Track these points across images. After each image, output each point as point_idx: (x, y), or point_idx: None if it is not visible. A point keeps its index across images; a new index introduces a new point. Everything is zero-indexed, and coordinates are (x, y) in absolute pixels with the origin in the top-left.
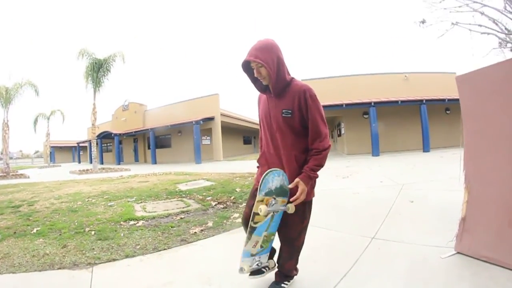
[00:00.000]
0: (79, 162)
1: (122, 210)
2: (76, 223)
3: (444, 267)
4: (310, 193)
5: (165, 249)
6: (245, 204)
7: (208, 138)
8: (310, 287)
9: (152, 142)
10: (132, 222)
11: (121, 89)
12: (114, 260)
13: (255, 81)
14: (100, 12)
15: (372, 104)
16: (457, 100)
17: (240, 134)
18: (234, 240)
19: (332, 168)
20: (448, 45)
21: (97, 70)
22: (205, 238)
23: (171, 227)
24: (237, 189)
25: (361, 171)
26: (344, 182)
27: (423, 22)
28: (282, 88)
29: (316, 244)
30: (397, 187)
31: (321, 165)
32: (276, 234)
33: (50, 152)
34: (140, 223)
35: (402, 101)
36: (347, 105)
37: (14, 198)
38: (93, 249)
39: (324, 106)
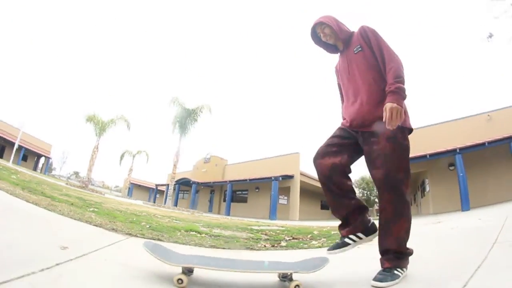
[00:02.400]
0: (154, 202)
1: (186, 225)
2: (134, 219)
3: None
4: (405, 120)
5: (224, 248)
6: None
7: (285, 198)
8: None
9: (228, 194)
10: (193, 233)
11: (202, 144)
12: (159, 240)
13: (326, 46)
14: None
15: (458, 151)
16: None
17: (318, 198)
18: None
19: (418, 225)
20: None
21: (185, 118)
22: (276, 250)
23: (236, 241)
24: (315, 232)
25: (454, 219)
26: (438, 225)
27: (490, 36)
28: (348, 38)
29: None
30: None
31: (399, 76)
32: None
33: (129, 188)
34: (203, 235)
35: (489, 142)
36: (431, 155)
37: (86, 198)
38: (141, 230)
39: None
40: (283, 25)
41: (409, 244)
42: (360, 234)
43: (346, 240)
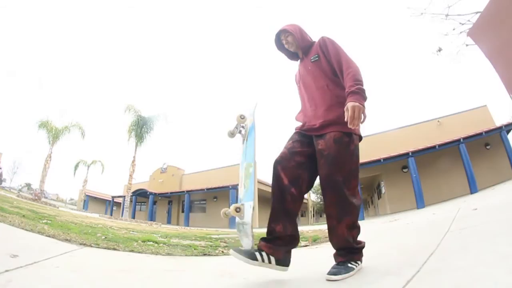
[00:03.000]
0: (111, 215)
1: (143, 236)
2: (89, 231)
3: None
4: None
5: (181, 256)
6: None
7: None
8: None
9: (186, 205)
10: (150, 243)
11: (159, 154)
12: (114, 249)
13: (288, 53)
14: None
15: (410, 154)
16: (495, 130)
17: None
18: None
19: (376, 224)
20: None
21: (141, 126)
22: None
23: (194, 248)
24: None
25: (410, 216)
26: (394, 223)
27: (439, 50)
28: (308, 47)
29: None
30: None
31: (358, 80)
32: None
33: (84, 200)
34: (160, 245)
35: (440, 145)
36: (385, 159)
37: (39, 211)
38: (96, 241)
39: (362, 164)
40: (238, 30)
41: (366, 242)
42: (273, 259)
43: (257, 254)
